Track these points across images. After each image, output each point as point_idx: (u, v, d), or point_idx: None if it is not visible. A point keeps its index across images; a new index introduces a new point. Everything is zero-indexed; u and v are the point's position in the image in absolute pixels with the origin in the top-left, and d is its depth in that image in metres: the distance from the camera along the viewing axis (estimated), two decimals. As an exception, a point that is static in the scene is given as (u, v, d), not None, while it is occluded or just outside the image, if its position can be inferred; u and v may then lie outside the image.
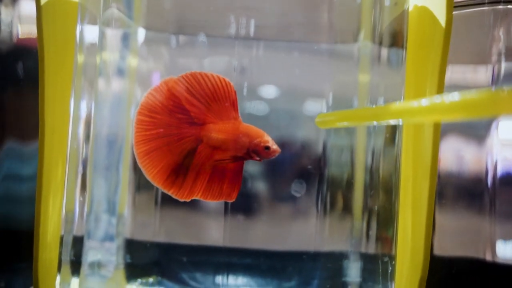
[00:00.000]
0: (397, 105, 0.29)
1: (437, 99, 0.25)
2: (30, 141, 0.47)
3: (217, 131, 0.34)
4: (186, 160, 0.34)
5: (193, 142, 0.34)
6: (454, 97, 0.24)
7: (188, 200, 0.34)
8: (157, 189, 0.46)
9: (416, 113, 0.27)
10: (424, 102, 0.26)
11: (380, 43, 0.46)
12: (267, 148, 0.33)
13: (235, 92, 0.34)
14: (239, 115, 0.34)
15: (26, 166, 0.46)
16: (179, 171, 0.34)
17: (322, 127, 0.42)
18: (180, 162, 0.34)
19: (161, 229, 0.48)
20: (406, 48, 0.42)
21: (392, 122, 0.35)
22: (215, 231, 0.48)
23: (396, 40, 0.45)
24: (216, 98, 0.34)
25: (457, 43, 0.40)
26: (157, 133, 0.34)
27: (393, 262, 0.42)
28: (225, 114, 0.34)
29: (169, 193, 0.34)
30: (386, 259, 0.45)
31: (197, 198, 0.34)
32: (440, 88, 0.38)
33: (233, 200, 0.35)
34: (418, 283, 0.38)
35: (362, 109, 0.43)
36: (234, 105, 0.34)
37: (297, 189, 0.48)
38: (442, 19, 0.37)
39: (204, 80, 0.33)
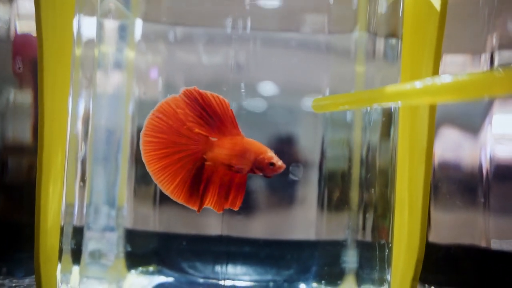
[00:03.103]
0: (392, 88, 0.29)
1: (429, 81, 0.25)
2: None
3: (221, 147, 0.34)
4: (197, 174, 0.35)
5: (201, 158, 0.35)
6: (446, 79, 0.24)
7: (199, 211, 0.35)
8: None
9: (410, 95, 0.27)
10: (418, 84, 0.26)
11: (376, 33, 0.47)
12: (272, 164, 0.34)
13: (231, 109, 0.34)
14: (241, 131, 0.35)
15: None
16: (194, 185, 0.35)
17: (318, 111, 0.43)
18: (193, 176, 0.35)
19: (161, 219, 0.49)
20: (401, 35, 0.42)
21: (387, 104, 0.35)
22: (214, 220, 0.49)
23: (392, 27, 0.45)
24: (215, 115, 0.34)
25: (451, 31, 0.41)
26: (166, 152, 0.34)
27: (390, 245, 0.43)
28: (226, 131, 0.34)
29: (188, 205, 0.35)
30: (383, 241, 0.45)
31: (216, 218, 0.36)
32: (436, 73, 0.39)
33: (237, 208, 0.36)
34: (414, 265, 0.38)
35: (357, 93, 0.43)
36: (233, 122, 0.34)
37: (295, 173, 0.48)
38: (437, 3, 0.38)
39: (202, 98, 0.34)
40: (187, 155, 0.35)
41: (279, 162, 0.34)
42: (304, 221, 0.49)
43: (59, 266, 0.41)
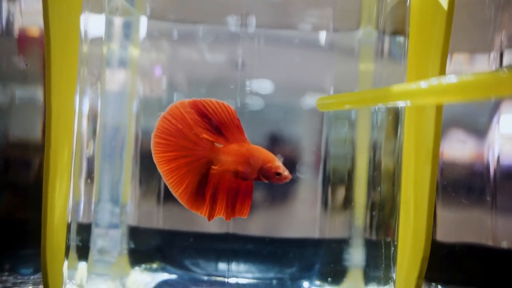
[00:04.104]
0: (397, 87, 0.29)
1: (435, 81, 0.25)
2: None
3: (227, 153, 0.34)
4: (202, 181, 0.35)
5: (207, 163, 0.35)
6: (451, 79, 0.24)
7: (211, 220, 0.35)
8: (159, 178, 0.47)
9: (415, 95, 0.27)
10: (424, 84, 0.26)
11: (383, 31, 0.47)
12: (279, 174, 0.34)
13: (238, 118, 0.34)
14: (247, 138, 0.35)
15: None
16: (199, 191, 0.35)
17: (323, 110, 0.43)
18: (199, 182, 0.35)
19: (164, 217, 0.49)
20: (408, 33, 0.42)
21: (392, 104, 0.35)
22: (220, 218, 0.49)
23: (398, 25, 0.45)
24: (221, 123, 0.34)
25: (458, 30, 0.40)
26: (174, 155, 0.35)
27: (396, 243, 0.43)
28: (232, 138, 0.34)
29: (194, 211, 0.35)
30: (388, 239, 0.45)
31: (219, 216, 0.36)
32: (442, 72, 0.38)
33: (246, 216, 0.36)
34: (420, 263, 0.38)
35: (362, 92, 0.43)
36: (239, 129, 0.34)
37: (300, 170, 0.48)
38: (444, 1, 0.37)
39: (206, 107, 0.34)
40: (193, 160, 0.35)
41: (285, 172, 0.34)
42: (309, 219, 0.49)
43: (65, 263, 0.41)
